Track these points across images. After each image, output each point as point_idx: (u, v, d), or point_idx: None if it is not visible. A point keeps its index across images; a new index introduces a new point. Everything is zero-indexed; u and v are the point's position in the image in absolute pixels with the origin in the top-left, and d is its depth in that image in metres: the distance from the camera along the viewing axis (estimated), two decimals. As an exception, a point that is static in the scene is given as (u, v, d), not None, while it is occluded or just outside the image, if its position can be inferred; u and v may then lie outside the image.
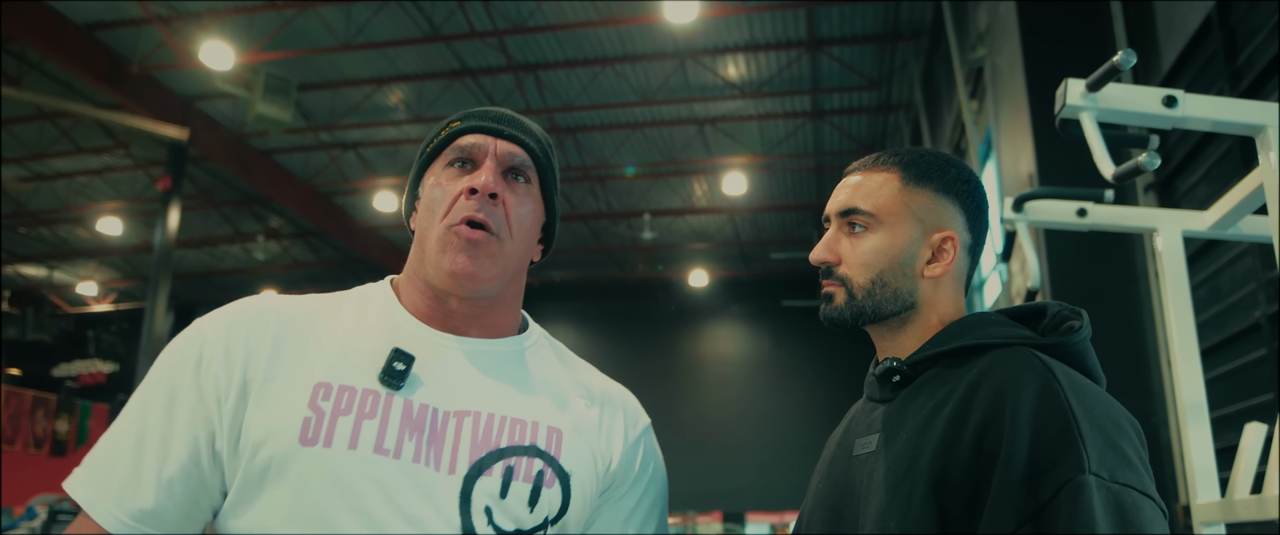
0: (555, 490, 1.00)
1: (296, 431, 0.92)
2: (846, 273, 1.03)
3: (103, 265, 16.60)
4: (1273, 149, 1.58)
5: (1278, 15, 3.50)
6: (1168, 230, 2.07)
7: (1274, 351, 3.64)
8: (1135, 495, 0.79)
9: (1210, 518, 1.82)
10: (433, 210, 1.03)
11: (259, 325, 0.99)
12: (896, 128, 11.31)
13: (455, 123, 1.07)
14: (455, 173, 1.04)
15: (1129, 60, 1.48)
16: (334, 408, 0.94)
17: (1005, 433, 0.83)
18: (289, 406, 0.94)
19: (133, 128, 10.84)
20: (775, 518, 15.29)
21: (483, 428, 0.99)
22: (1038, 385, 0.85)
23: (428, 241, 1.03)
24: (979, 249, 1.07)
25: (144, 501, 0.93)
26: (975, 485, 0.84)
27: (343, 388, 0.95)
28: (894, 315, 1.02)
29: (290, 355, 0.98)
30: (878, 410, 1.01)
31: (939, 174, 1.04)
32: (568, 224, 14.88)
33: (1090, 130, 1.63)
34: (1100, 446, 0.81)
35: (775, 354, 16.62)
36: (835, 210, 1.06)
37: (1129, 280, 4.82)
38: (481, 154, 1.04)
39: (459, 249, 1.00)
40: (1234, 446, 2.02)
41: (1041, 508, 0.78)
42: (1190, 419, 1.89)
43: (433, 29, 9.37)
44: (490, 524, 0.95)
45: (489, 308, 1.06)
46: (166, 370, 0.98)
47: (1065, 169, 4.77)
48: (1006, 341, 0.95)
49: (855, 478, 0.97)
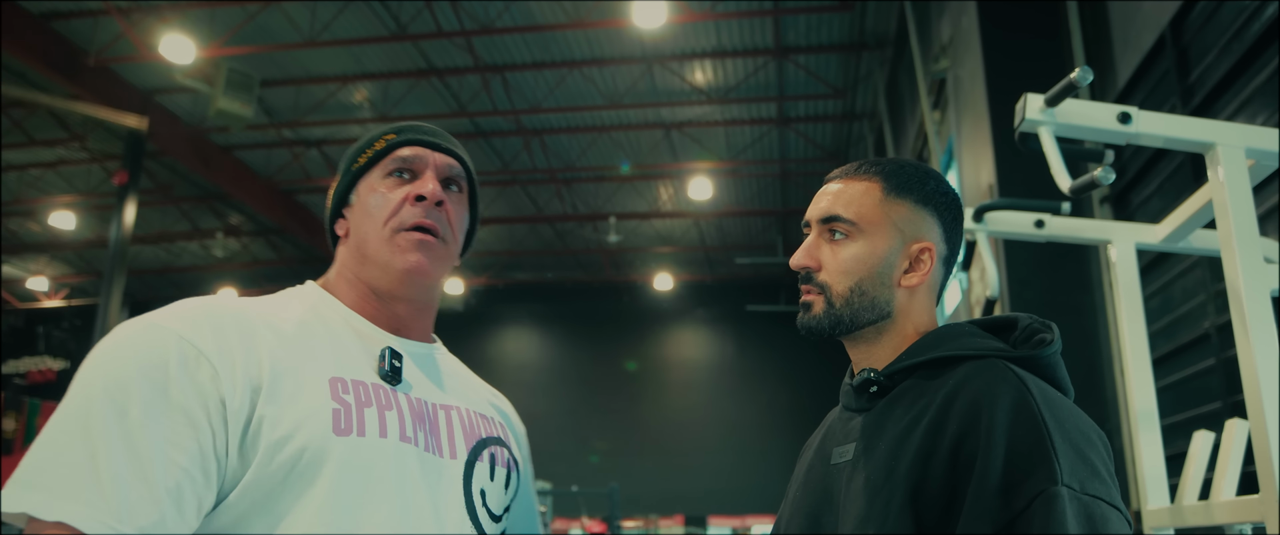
0: (515, 476, 1.14)
1: (328, 423, 0.92)
2: (826, 279, 1.04)
3: (55, 260, 16.20)
4: (1222, 166, 1.63)
5: (1228, 35, 3.61)
6: (1122, 242, 2.13)
7: (1221, 361, 3.74)
8: (1104, 507, 0.82)
9: (1160, 523, 1.87)
10: (373, 215, 1.07)
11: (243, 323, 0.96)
12: (860, 136, 11.44)
13: (390, 135, 1.12)
14: (395, 182, 1.09)
15: (1086, 77, 1.52)
16: (356, 400, 0.96)
17: (981, 444, 0.85)
18: (313, 400, 0.93)
19: (89, 119, 10.61)
20: (737, 521, 15.35)
21: (466, 419, 1.09)
22: (1012, 398, 0.88)
23: (370, 245, 1.07)
24: (953, 260, 1.10)
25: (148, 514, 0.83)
26: (951, 494, 0.86)
27: (356, 381, 0.98)
28: (870, 324, 1.04)
29: (293, 351, 0.97)
30: (855, 419, 1.03)
31: (919, 185, 1.06)
32: (533, 226, 14.82)
33: (1048, 144, 1.67)
34: (1072, 459, 0.84)
35: (739, 358, 16.70)
36: (816, 216, 1.07)
37: (1084, 290, 4.92)
38: (422, 165, 1.10)
39: (412, 248, 1.06)
40: (1182, 453, 2.08)
41: (1015, 517, 0.81)
42: (1142, 427, 1.94)
43: (399, 28, 9.29)
44: (484, 505, 1.05)
45: (425, 310, 1.13)
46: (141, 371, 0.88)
47: (1025, 180, 4.86)
48: (981, 353, 0.97)
49: (834, 485, 0.99)
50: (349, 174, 1.12)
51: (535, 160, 12.29)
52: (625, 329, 17.02)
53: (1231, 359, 3.64)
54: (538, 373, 17.40)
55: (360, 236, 1.08)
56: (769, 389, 16.13)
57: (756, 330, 16.24)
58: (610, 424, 16.50)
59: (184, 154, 11.15)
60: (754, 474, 15.49)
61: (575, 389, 16.97)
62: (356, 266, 1.09)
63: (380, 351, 1.03)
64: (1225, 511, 1.70)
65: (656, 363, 17.01)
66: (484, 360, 17.38)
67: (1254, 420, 1.51)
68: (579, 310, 17.21)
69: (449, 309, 16.47)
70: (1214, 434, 1.98)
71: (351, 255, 1.10)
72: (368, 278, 1.08)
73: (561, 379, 17.19)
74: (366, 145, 1.12)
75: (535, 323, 17.59)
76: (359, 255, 1.08)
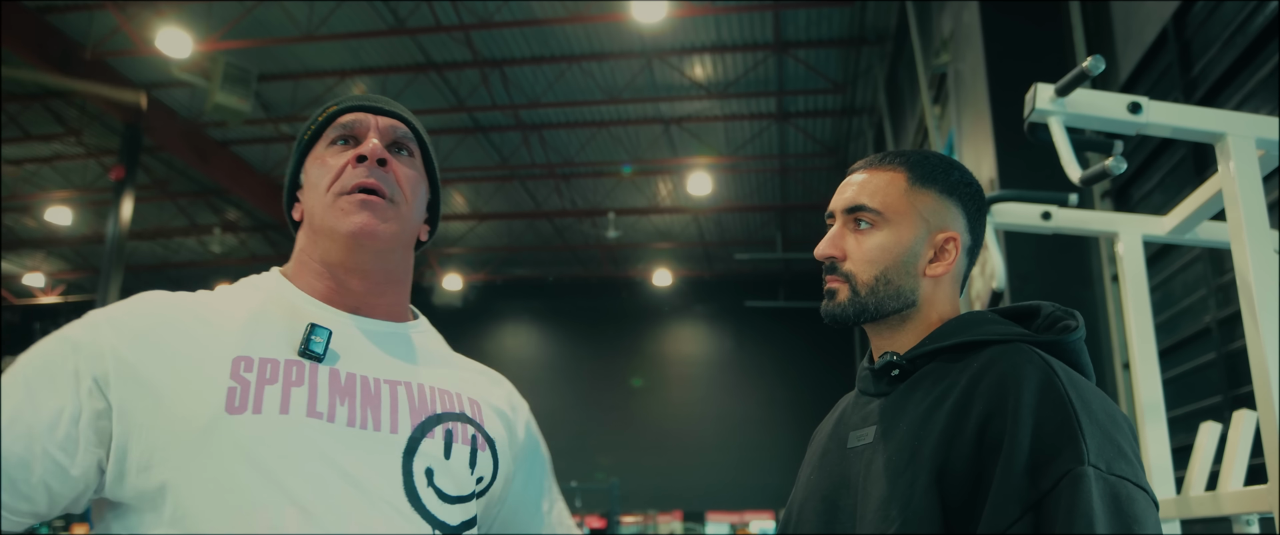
0: (487, 455, 1.07)
1: (222, 401, 0.90)
2: (851, 269, 1.05)
3: (51, 256, 16.15)
4: (1232, 157, 1.62)
5: (1231, 29, 3.61)
6: (1129, 235, 2.12)
7: (1223, 355, 3.74)
8: (1130, 487, 0.83)
9: (1167, 514, 1.87)
10: (318, 186, 1.03)
11: (154, 311, 0.99)
12: (860, 131, 11.43)
13: (331, 107, 1.08)
14: (338, 149, 1.05)
15: (1098, 66, 1.51)
16: (258, 378, 0.93)
17: (1008, 425, 0.86)
18: (209, 379, 0.92)
19: (85, 114, 10.56)
20: (735, 517, 15.37)
21: (417, 394, 1.02)
22: (1039, 380, 0.89)
23: (316, 216, 1.03)
24: (976, 250, 1.11)
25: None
26: (977, 475, 0.87)
27: (264, 360, 0.94)
28: (895, 313, 1.05)
29: (199, 333, 0.96)
30: (873, 403, 1.03)
31: (944, 175, 1.07)
32: (532, 221, 14.80)
33: (1058, 134, 1.66)
34: (1098, 440, 0.84)
35: (737, 355, 16.71)
36: (841, 206, 1.08)
37: (1084, 284, 4.92)
38: (363, 129, 1.06)
39: (355, 209, 1.01)
40: (1184, 447, 2.08)
41: (1042, 497, 0.82)
42: (1148, 419, 1.93)
43: (397, 22, 9.27)
44: (430, 484, 0.97)
45: (387, 285, 1.08)
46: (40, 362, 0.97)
47: (1026, 174, 4.86)
48: (1005, 338, 0.98)
49: (851, 469, 0.99)
50: (298, 153, 1.10)
51: (534, 155, 12.27)
52: (624, 325, 17.01)
53: (1233, 353, 3.65)
54: (536, 369, 17.40)
55: (309, 211, 1.06)
56: (767, 385, 16.14)
57: (755, 326, 16.25)
58: (609, 420, 16.51)
59: (181, 149, 11.11)
60: (752, 470, 15.50)
61: (574, 385, 16.97)
62: (310, 245, 1.06)
63: (304, 328, 0.99)
64: (1232, 502, 1.69)
65: (655, 359, 17.01)
66: (483, 356, 17.01)
67: (1263, 411, 1.50)
68: (578, 306, 17.20)
69: (448, 305, 16.43)
70: (1220, 426, 1.98)
71: (305, 235, 1.07)
72: (321, 254, 1.04)
73: (560, 375, 17.18)
74: (312, 121, 1.10)
75: (534, 318, 17.58)
76: (310, 232, 1.05)
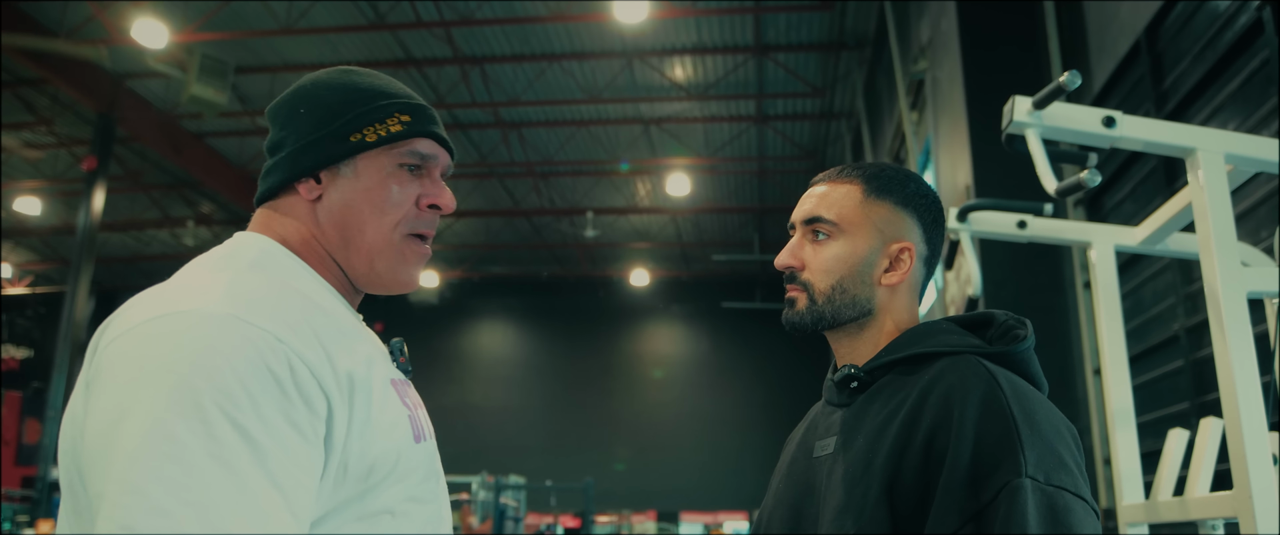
0: None
1: (410, 433, 0.93)
2: (809, 278, 1.09)
3: (19, 246, 15.88)
4: (1202, 170, 1.67)
5: (1202, 42, 3.68)
6: (1102, 244, 2.17)
7: (1191, 363, 3.82)
8: (1068, 497, 0.86)
9: (1135, 519, 1.91)
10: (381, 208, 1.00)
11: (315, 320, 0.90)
12: (838, 135, 11.52)
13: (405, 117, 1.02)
14: (408, 176, 1.02)
15: (1074, 81, 1.55)
16: (413, 402, 0.97)
17: (952, 438, 0.90)
18: (393, 410, 0.91)
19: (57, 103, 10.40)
20: (709, 517, 15.42)
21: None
22: (982, 393, 0.92)
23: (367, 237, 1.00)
24: (934, 260, 1.14)
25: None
26: (925, 486, 0.90)
27: (396, 381, 0.96)
28: (852, 321, 1.09)
29: (352, 350, 0.90)
30: (836, 414, 1.07)
31: (899, 188, 1.11)
32: (510, 219, 14.76)
33: (1035, 146, 1.70)
34: (1039, 451, 0.88)
35: (713, 355, 16.76)
36: (800, 218, 1.12)
37: (1057, 291, 5.01)
38: (434, 166, 1.04)
39: (417, 262, 1.03)
40: (1154, 452, 2.13)
41: (982, 508, 0.85)
42: (1118, 425, 1.98)
43: (377, 17, 9.21)
44: None
45: None
46: (255, 384, 0.79)
47: (1001, 182, 4.93)
48: (956, 350, 1.01)
49: (815, 477, 1.04)
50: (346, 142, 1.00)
51: (513, 153, 12.25)
52: (600, 324, 17.02)
53: (1201, 360, 3.73)
54: (512, 367, 17.36)
55: (356, 221, 1.00)
56: (743, 386, 16.22)
57: (732, 327, 16.31)
58: (584, 419, 16.50)
59: (155, 140, 10.98)
60: (726, 471, 15.57)
61: (549, 383, 16.95)
62: (338, 248, 1.00)
63: (391, 346, 1.01)
64: (1199, 507, 1.74)
65: (631, 358, 17.03)
66: (458, 354, 17.30)
67: (1229, 418, 1.55)
68: (554, 305, 17.18)
69: (423, 302, 16.36)
70: (1188, 432, 2.03)
71: (332, 232, 1.00)
72: (349, 264, 1.00)
73: (536, 373, 17.16)
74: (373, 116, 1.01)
75: (510, 317, 17.54)
76: (343, 237, 1.00)
